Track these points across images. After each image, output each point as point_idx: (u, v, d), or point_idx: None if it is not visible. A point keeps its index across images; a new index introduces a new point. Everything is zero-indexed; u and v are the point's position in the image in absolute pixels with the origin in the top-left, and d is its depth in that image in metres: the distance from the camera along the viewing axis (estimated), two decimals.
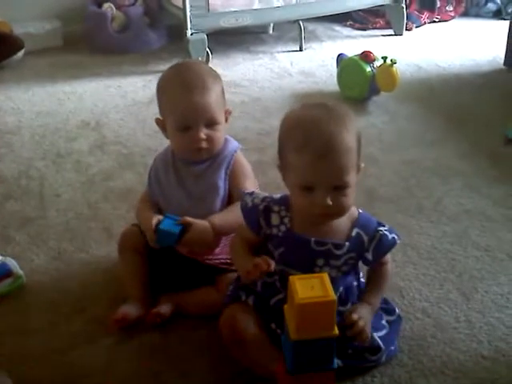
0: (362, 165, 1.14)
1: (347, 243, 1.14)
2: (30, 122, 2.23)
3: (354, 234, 1.15)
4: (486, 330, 1.28)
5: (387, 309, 1.25)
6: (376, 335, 1.17)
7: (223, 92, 1.35)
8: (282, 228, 1.16)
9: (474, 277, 1.44)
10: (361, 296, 1.20)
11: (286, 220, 1.15)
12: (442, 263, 1.48)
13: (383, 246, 1.17)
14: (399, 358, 1.21)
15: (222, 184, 1.33)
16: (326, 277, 1.01)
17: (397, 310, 1.27)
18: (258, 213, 1.17)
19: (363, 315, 1.13)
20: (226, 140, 1.36)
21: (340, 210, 1.11)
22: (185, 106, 1.28)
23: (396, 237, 1.18)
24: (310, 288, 0.99)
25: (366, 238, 1.15)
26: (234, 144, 1.38)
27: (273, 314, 1.16)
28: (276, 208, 1.16)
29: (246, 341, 1.14)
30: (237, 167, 1.35)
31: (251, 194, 1.21)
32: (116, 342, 1.25)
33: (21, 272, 1.41)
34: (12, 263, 1.42)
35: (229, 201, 1.34)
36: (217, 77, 1.34)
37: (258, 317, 1.16)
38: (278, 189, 1.73)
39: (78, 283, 1.42)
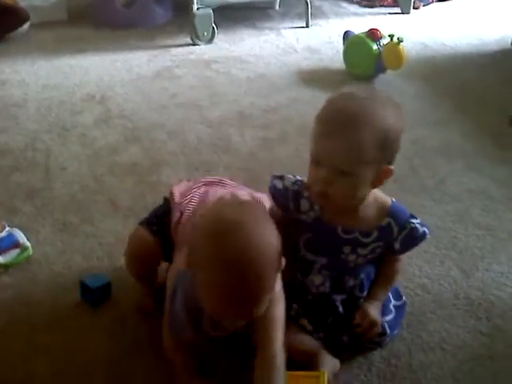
0: (391, 167, 1.09)
1: (375, 232, 1.14)
2: (36, 95, 2.24)
3: (384, 223, 1.14)
4: (485, 307, 1.30)
5: (396, 293, 1.25)
6: (383, 320, 1.17)
7: None
8: (311, 214, 1.14)
9: (475, 255, 1.45)
10: (370, 289, 1.19)
11: (316, 207, 1.14)
12: (443, 241, 1.50)
13: (413, 239, 1.16)
14: (399, 332, 1.22)
15: None
16: (323, 376, 1.00)
17: (403, 297, 1.26)
18: (288, 197, 1.15)
19: (375, 317, 1.14)
20: None
21: (337, 197, 1.07)
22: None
23: (427, 230, 1.17)
24: None
25: (396, 229, 1.14)
26: None
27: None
28: (306, 193, 1.14)
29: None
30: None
31: (281, 177, 1.17)
32: (116, 316, 1.27)
33: (28, 243, 1.43)
34: (19, 234, 1.44)
35: None
36: None
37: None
38: (282, 166, 1.78)
39: (82, 256, 1.44)
